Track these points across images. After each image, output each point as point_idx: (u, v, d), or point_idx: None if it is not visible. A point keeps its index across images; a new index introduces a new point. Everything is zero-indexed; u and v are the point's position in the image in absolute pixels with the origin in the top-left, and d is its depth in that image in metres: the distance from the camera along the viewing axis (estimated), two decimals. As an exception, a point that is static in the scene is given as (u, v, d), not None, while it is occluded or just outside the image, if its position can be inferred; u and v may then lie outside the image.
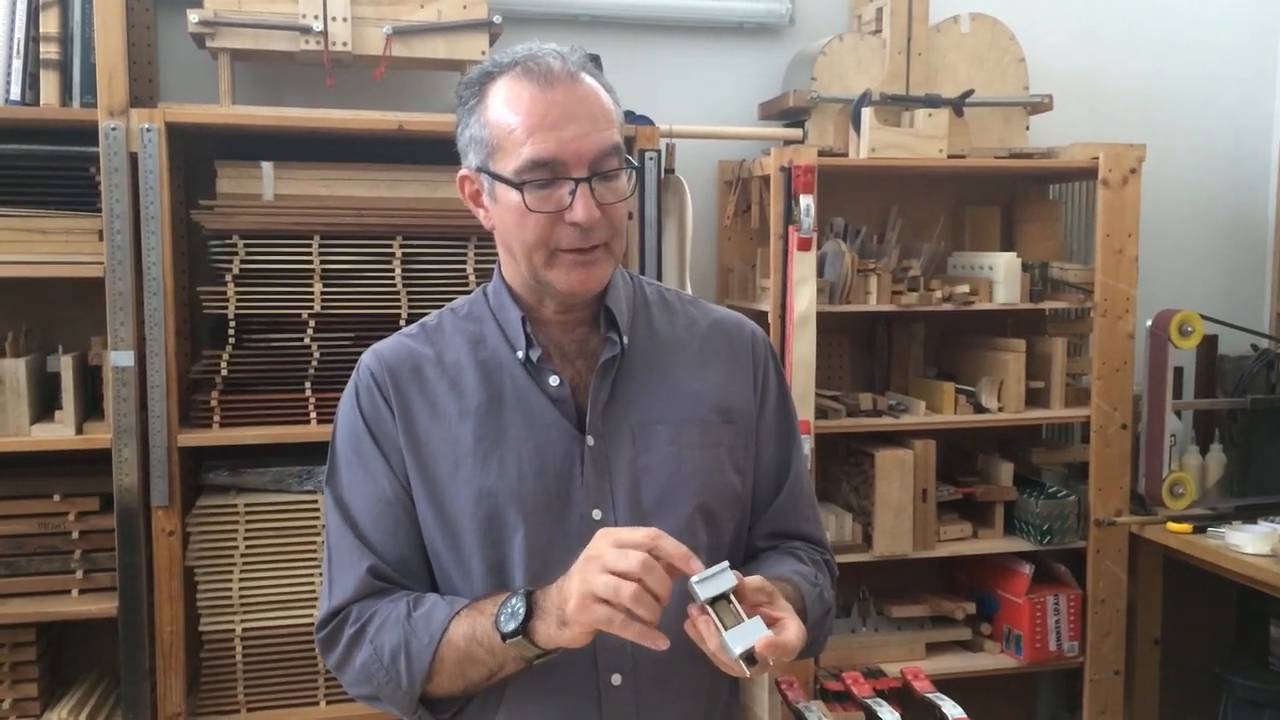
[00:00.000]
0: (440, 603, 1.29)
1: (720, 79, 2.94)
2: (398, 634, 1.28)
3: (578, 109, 1.26)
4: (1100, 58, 3.17)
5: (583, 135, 1.25)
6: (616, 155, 1.28)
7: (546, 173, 1.25)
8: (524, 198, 1.26)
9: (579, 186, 1.25)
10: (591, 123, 1.26)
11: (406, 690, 1.29)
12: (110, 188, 2.22)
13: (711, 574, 1.17)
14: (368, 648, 1.30)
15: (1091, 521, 2.82)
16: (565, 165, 1.25)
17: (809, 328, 2.56)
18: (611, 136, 1.28)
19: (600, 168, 1.27)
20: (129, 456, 2.26)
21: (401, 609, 1.30)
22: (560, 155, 1.25)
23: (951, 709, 2.30)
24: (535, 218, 1.27)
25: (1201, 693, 2.92)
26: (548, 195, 1.26)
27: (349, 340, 2.40)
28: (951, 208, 3.03)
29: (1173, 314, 2.79)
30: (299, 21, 2.34)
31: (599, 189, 1.27)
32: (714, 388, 1.41)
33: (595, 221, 1.27)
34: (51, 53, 2.28)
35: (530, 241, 1.29)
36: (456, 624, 1.26)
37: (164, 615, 2.30)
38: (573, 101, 1.26)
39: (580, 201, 1.25)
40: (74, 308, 2.49)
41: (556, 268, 1.30)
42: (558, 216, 1.27)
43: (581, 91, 1.27)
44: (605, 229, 1.29)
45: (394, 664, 1.28)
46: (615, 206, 1.29)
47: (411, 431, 1.35)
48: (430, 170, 2.45)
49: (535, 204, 1.26)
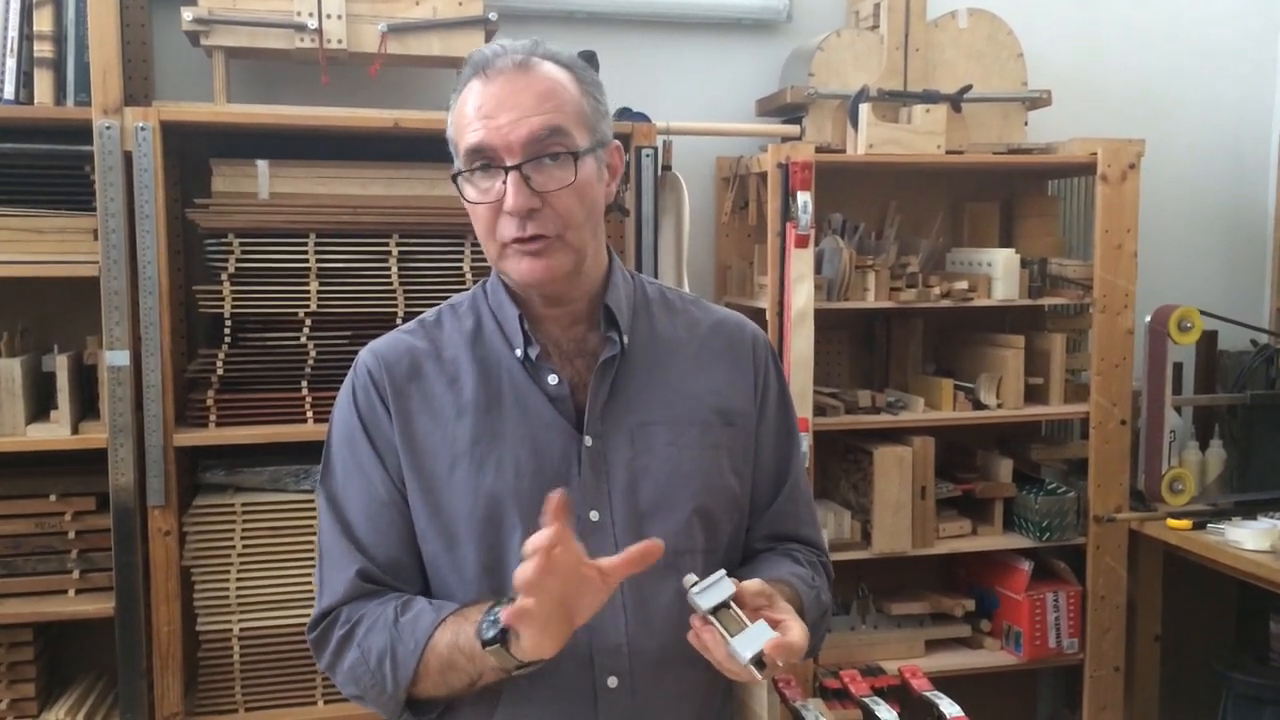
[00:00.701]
0: (427, 608, 1.29)
1: (717, 75, 2.93)
2: (384, 638, 1.28)
3: (511, 98, 1.25)
4: (1099, 53, 3.15)
5: (513, 122, 1.24)
6: (557, 138, 1.25)
7: (481, 160, 1.25)
8: (461, 189, 1.27)
9: (509, 174, 1.24)
10: (525, 110, 1.24)
11: (391, 694, 1.29)
12: (105, 186, 2.21)
13: (709, 583, 1.17)
14: (355, 650, 1.30)
15: (1091, 518, 2.81)
16: (496, 152, 1.25)
17: (807, 325, 2.55)
18: (550, 120, 1.25)
19: (535, 153, 1.24)
20: (125, 456, 2.25)
21: (389, 613, 1.29)
22: (489, 142, 1.24)
23: (949, 707, 2.29)
24: (479, 209, 1.28)
25: (1202, 689, 2.91)
26: (488, 188, 1.26)
27: (345, 339, 2.39)
28: (950, 204, 3.02)
29: (1172, 309, 2.78)
30: (294, 19, 2.33)
31: (537, 177, 1.24)
32: (714, 389, 1.40)
33: (526, 210, 1.24)
34: (45, 51, 2.27)
35: (481, 234, 1.30)
36: (441, 630, 1.25)
37: (161, 615, 2.30)
38: (507, 91, 1.25)
39: (510, 189, 1.24)
40: (69, 307, 2.48)
41: (507, 259, 1.29)
42: (498, 207, 1.26)
43: (524, 81, 1.26)
44: (551, 219, 1.26)
45: (380, 668, 1.28)
46: (558, 194, 1.25)
47: (408, 430, 1.34)
48: (426, 168, 2.44)
49: (475, 195, 1.27)
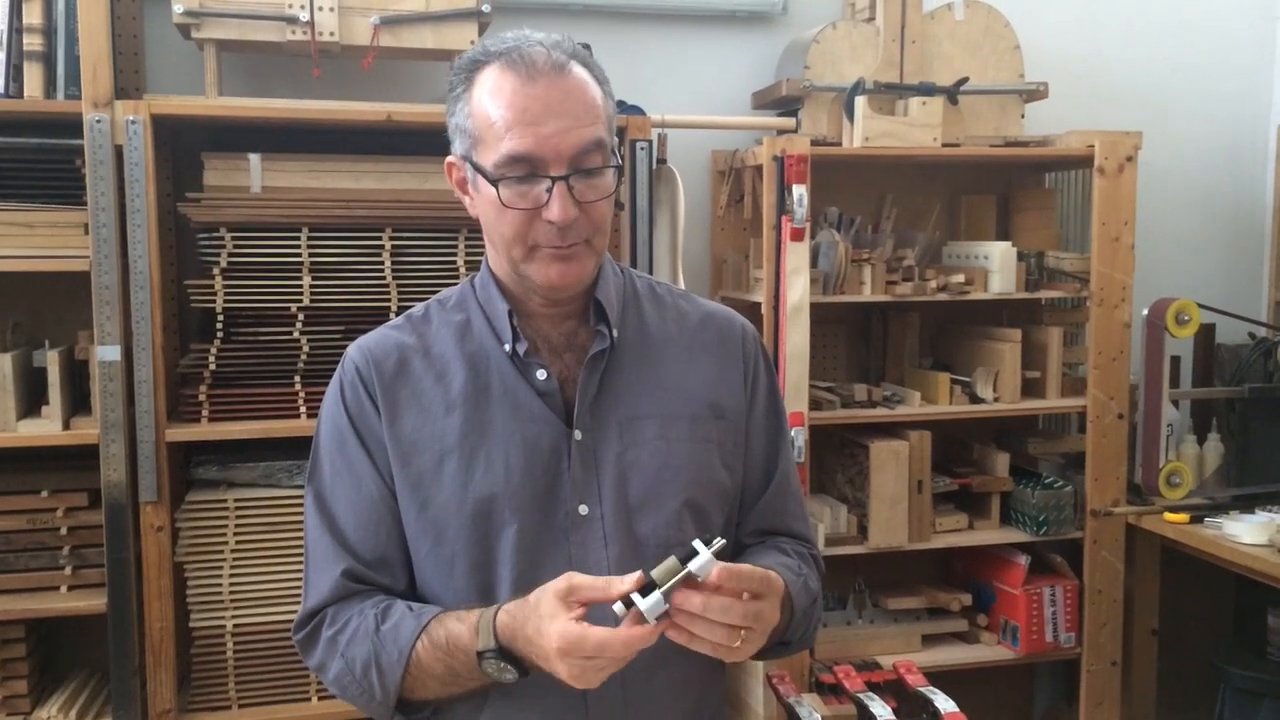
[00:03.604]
0: (407, 614, 1.28)
1: (713, 68, 2.91)
2: (367, 648, 1.27)
3: (559, 104, 1.23)
4: (1096, 44, 3.14)
5: (563, 132, 1.22)
6: (599, 152, 1.25)
7: (524, 168, 1.23)
8: (499, 193, 1.24)
9: (556, 185, 1.22)
10: (573, 119, 1.23)
11: (381, 702, 1.29)
12: (95, 180, 2.20)
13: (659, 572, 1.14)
14: (339, 661, 1.30)
15: (1088, 512, 2.80)
16: (544, 162, 1.22)
17: (803, 318, 2.54)
18: (594, 133, 1.24)
19: (580, 165, 1.24)
20: (117, 452, 2.24)
21: (370, 622, 1.28)
22: (538, 152, 1.22)
23: (944, 702, 2.28)
24: (512, 214, 1.25)
25: (1199, 683, 2.91)
26: (525, 191, 1.24)
27: (338, 334, 2.38)
28: (946, 197, 3.01)
29: (1169, 302, 2.77)
30: (285, 11, 2.32)
31: (579, 187, 1.24)
32: (704, 383, 1.39)
33: (572, 220, 1.24)
34: (35, 44, 2.25)
35: (508, 236, 1.27)
36: (425, 647, 1.25)
37: (153, 611, 2.29)
38: (555, 96, 1.23)
39: (557, 200, 1.23)
40: (60, 302, 2.47)
41: (535, 262, 1.28)
42: (535, 214, 1.24)
43: (566, 85, 1.24)
44: (586, 226, 1.26)
45: (365, 677, 1.28)
46: (596, 204, 1.26)
47: (396, 426, 1.33)
48: (419, 161, 2.43)
49: (511, 200, 1.24)
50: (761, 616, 1.17)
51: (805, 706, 2.34)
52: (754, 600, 1.16)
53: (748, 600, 1.15)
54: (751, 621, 1.15)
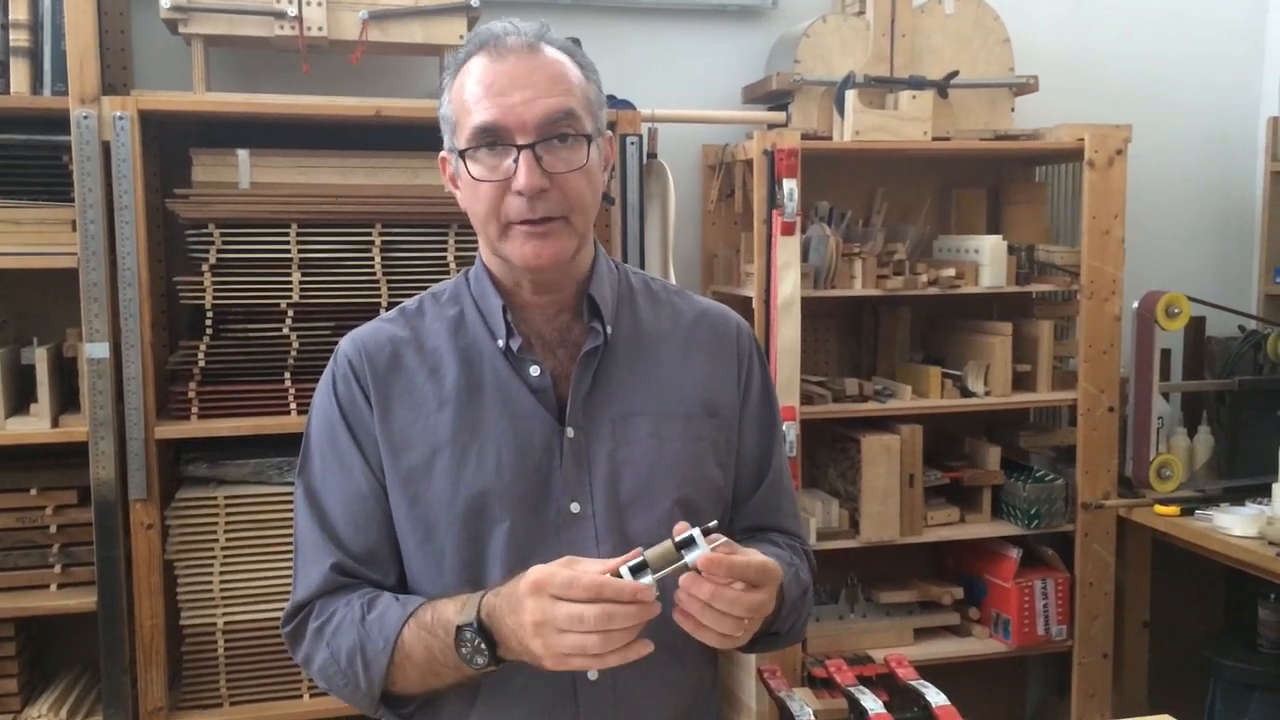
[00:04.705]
0: (393, 604, 1.28)
1: (703, 62, 2.91)
2: (353, 638, 1.27)
3: (526, 77, 1.24)
4: (1086, 38, 3.14)
5: (528, 101, 1.23)
6: (569, 121, 1.25)
7: (490, 138, 1.23)
8: (468, 168, 1.25)
9: (522, 153, 1.22)
10: (540, 89, 1.23)
11: (366, 692, 1.28)
12: (83, 177, 2.19)
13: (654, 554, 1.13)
14: (325, 651, 1.29)
15: (1079, 505, 2.81)
16: (508, 131, 1.23)
17: (793, 313, 2.54)
18: (562, 103, 1.24)
19: (548, 134, 1.23)
20: (106, 449, 2.23)
21: (356, 612, 1.28)
22: (502, 121, 1.23)
23: (935, 696, 2.29)
24: (484, 188, 1.25)
25: (1190, 675, 2.91)
26: (495, 165, 1.24)
27: (328, 330, 2.37)
28: (937, 190, 3.01)
29: (1159, 296, 2.77)
30: (273, 6, 2.30)
31: (547, 158, 1.23)
32: (698, 380, 1.39)
33: (537, 190, 1.23)
34: (22, 40, 2.24)
35: (483, 214, 1.27)
36: (411, 631, 1.24)
37: (144, 609, 2.28)
38: (522, 70, 1.24)
39: (523, 168, 1.22)
40: (48, 299, 2.46)
41: (510, 240, 1.27)
42: (505, 186, 1.24)
43: (536, 61, 1.25)
44: (559, 201, 1.25)
45: (350, 667, 1.27)
46: (569, 177, 1.25)
47: (388, 420, 1.32)
48: (409, 157, 2.42)
49: (481, 173, 1.24)
50: (763, 607, 1.18)
51: (797, 701, 2.35)
52: (755, 590, 1.16)
53: (750, 591, 1.15)
54: (755, 612, 1.16)
